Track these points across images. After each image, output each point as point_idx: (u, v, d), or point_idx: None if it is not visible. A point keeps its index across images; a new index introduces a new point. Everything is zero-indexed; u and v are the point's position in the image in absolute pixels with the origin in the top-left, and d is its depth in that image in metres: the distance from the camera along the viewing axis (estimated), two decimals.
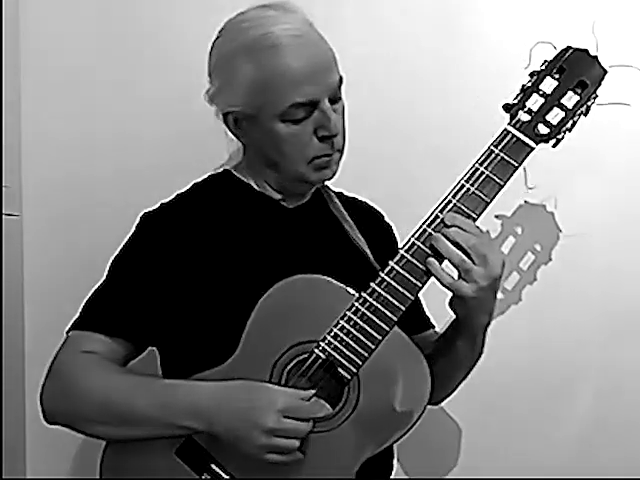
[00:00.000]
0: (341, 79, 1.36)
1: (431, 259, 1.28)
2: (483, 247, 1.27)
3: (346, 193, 1.57)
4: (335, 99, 1.36)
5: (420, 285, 1.29)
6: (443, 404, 1.60)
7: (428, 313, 1.59)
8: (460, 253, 1.26)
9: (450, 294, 1.29)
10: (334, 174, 1.40)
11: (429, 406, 1.31)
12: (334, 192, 1.54)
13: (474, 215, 1.30)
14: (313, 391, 1.27)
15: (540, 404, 1.80)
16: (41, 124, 1.79)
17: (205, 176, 1.50)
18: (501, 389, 1.79)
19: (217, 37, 1.39)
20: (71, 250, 1.82)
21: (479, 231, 1.29)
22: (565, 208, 1.73)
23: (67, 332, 1.38)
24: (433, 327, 1.57)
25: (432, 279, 1.28)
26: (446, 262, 1.28)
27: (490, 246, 1.29)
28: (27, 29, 1.77)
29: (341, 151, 1.39)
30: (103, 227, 1.61)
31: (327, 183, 1.51)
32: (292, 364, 1.30)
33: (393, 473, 1.47)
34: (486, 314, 1.33)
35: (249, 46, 1.32)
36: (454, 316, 1.36)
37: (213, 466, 1.29)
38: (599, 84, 1.34)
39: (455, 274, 1.28)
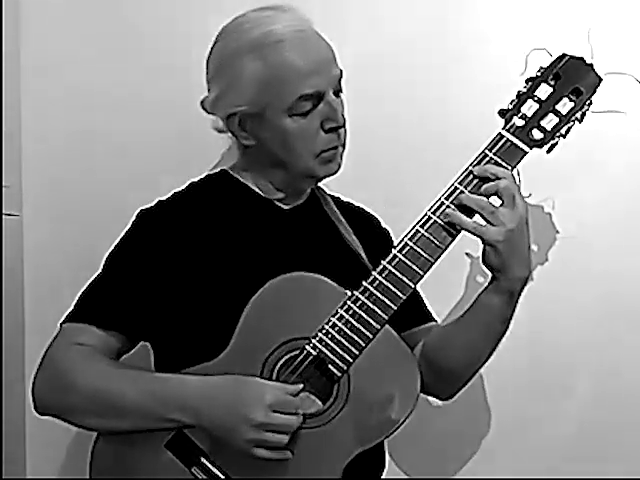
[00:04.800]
0: (341, 73, 1.39)
1: (450, 210, 1.29)
2: (513, 187, 1.29)
3: (342, 198, 1.58)
4: (337, 92, 1.39)
5: (411, 285, 1.30)
6: (441, 403, 1.59)
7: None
8: (483, 198, 1.28)
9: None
10: (339, 168, 1.42)
11: (429, 404, 1.31)
12: (330, 195, 1.55)
13: None
14: (301, 385, 1.28)
15: (538, 403, 1.79)
16: (41, 124, 1.80)
17: (202, 176, 1.51)
18: (499, 389, 1.79)
19: (215, 42, 1.41)
20: (71, 250, 1.82)
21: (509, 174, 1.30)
22: (564, 210, 1.73)
23: (61, 324, 1.39)
24: (435, 321, 1.56)
25: (423, 278, 1.30)
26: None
27: (517, 187, 1.30)
28: (27, 29, 1.78)
29: (344, 145, 1.41)
30: (103, 227, 1.61)
31: (323, 187, 1.53)
32: (283, 361, 1.31)
33: (386, 471, 1.47)
34: (522, 265, 1.31)
35: (254, 44, 1.34)
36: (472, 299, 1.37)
37: (203, 459, 1.30)
38: (594, 91, 1.35)
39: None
